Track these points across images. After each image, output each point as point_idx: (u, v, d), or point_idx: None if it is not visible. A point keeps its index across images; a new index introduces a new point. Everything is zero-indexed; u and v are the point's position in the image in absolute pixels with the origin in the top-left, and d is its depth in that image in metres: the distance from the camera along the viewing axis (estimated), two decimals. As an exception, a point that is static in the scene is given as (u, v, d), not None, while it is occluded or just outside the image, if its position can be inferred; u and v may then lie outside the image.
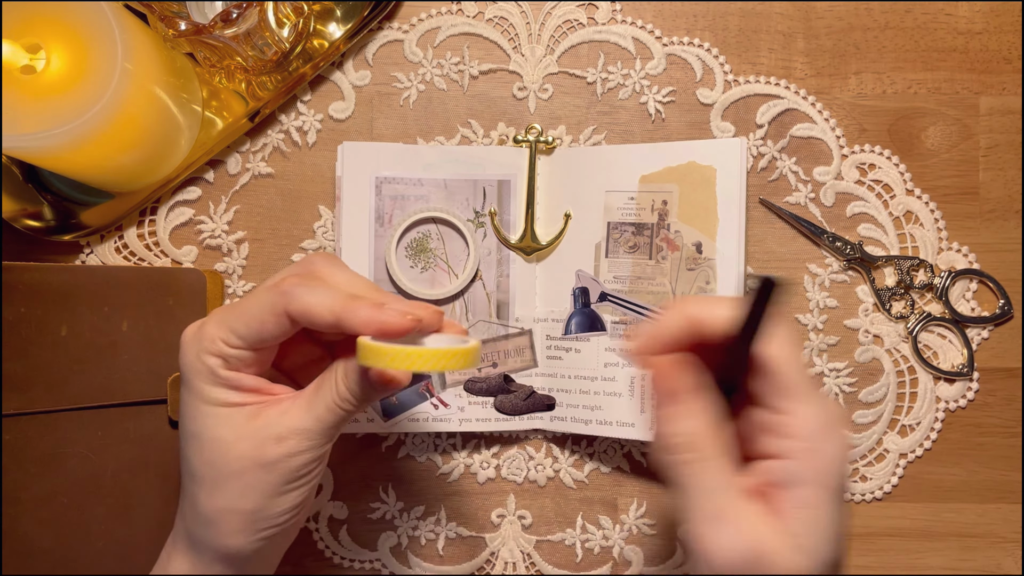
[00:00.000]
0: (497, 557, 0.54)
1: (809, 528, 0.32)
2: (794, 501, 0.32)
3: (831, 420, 0.33)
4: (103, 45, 0.44)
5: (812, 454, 0.32)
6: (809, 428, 0.32)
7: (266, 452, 0.37)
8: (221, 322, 0.37)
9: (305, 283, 0.36)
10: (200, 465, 0.38)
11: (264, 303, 0.36)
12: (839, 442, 0.32)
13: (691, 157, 0.51)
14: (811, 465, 0.32)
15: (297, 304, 0.36)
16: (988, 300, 0.54)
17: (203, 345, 0.37)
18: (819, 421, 0.32)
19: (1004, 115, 0.54)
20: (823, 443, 0.32)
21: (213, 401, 0.37)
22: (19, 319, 0.46)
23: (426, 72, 0.54)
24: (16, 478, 0.46)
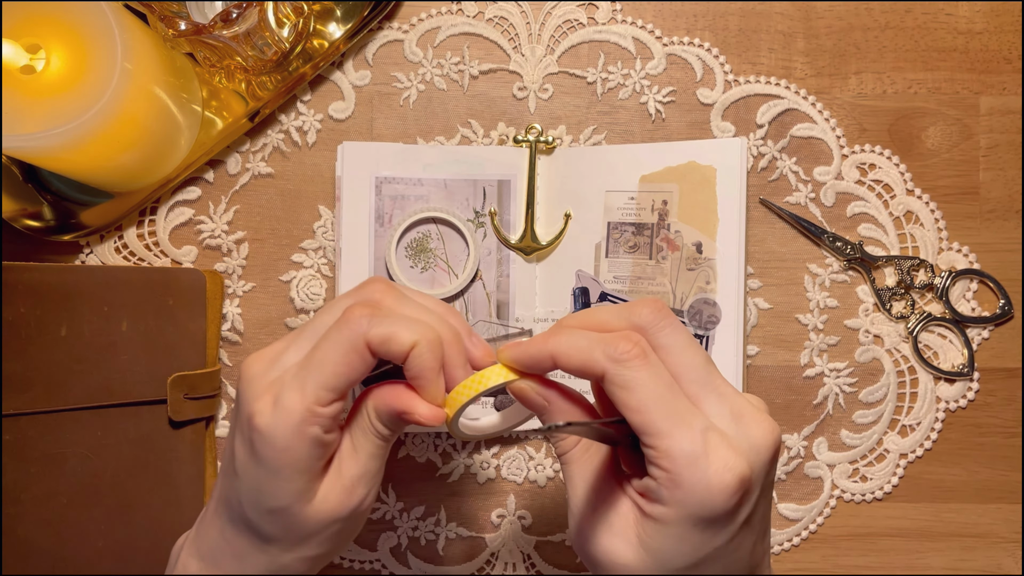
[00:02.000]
0: (497, 557, 0.54)
1: (662, 539, 0.33)
2: (654, 511, 0.33)
3: (700, 451, 0.32)
4: (103, 45, 0.44)
5: (672, 483, 0.32)
6: (668, 459, 0.32)
7: (344, 507, 0.37)
8: (303, 387, 0.35)
9: (377, 314, 0.35)
10: (279, 531, 0.37)
11: (342, 343, 0.35)
12: (705, 475, 0.32)
13: (691, 157, 0.51)
14: (668, 491, 0.32)
15: (377, 333, 0.34)
16: (988, 300, 0.54)
17: (295, 420, 0.34)
18: (679, 454, 0.32)
19: (1004, 115, 0.54)
20: (684, 475, 0.32)
21: (312, 476, 0.36)
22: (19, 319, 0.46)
23: (426, 72, 0.54)
24: (16, 478, 0.46)
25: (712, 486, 0.31)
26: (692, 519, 0.32)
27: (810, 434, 0.54)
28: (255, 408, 0.35)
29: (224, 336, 0.53)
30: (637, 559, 0.33)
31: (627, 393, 0.33)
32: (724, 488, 0.31)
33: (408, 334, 0.35)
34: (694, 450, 0.32)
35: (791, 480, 0.54)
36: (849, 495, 0.54)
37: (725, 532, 0.33)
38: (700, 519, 0.32)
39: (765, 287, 0.54)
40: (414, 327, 0.35)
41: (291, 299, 0.53)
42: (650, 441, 0.32)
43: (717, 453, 0.32)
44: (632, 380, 0.33)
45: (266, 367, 0.37)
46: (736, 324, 0.50)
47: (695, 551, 0.33)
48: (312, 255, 0.54)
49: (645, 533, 0.33)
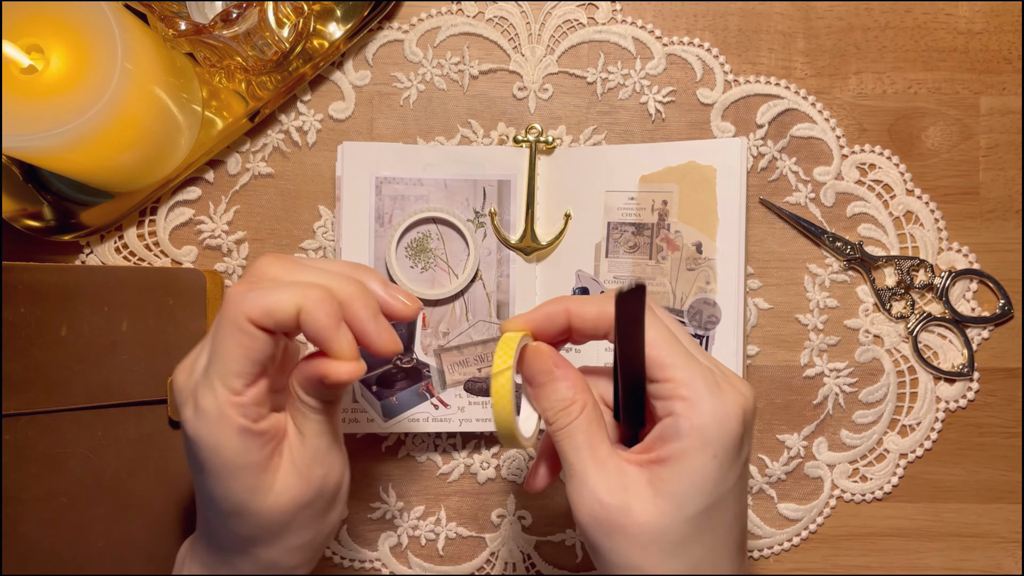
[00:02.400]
0: (497, 557, 0.54)
1: (679, 476, 0.33)
2: (672, 452, 0.34)
3: (713, 381, 0.34)
4: (103, 45, 0.44)
5: (692, 411, 0.34)
6: (689, 387, 0.34)
7: (304, 493, 0.36)
8: (210, 383, 0.34)
9: (254, 287, 0.34)
10: (249, 530, 0.36)
11: (226, 327, 0.34)
12: (724, 400, 0.34)
13: (691, 157, 0.51)
14: (690, 421, 0.34)
15: (253, 307, 0.33)
16: (988, 300, 0.54)
17: (215, 418, 0.34)
18: (699, 380, 0.34)
19: (1004, 115, 0.54)
20: (703, 401, 0.34)
21: (256, 470, 0.35)
22: (19, 319, 0.46)
23: (426, 72, 0.54)
24: (16, 478, 0.46)
25: (729, 411, 0.34)
26: (711, 448, 0.33)
27: (810, 434, 0.54)
28: (183, 417, 0.35)
29: (224, 336, 0.53)
30: (656, 511, 0.34)
31: (650, 327, 0.34)
32: (735, 417, 0.34)
33: (288, 298, 0.34)
34: (710, 378, 0.34)
35: (791, 480, 0.54)
36: (849, 495, 0.54)
37: (735, 468, 0.34)
38: (718, 447, 0.34)
39: (765, 287, 0.54)
40: (295, 290, 0.34)
41: (291, 299, 0.53)
42: (667, 373, 0.34)
43: (725, 386, 0.35)
44: (654, 318, 0.35)
45: (187, 376, 0.36)
46: (736, 324, 0.50)
47: (712, 488, 0.34)
48: (312, 255, 0.54)
49: (661, 480, 0.34)
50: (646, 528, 0.34)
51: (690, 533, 0.34)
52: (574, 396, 0.36)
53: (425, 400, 0.52)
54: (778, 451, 0.54)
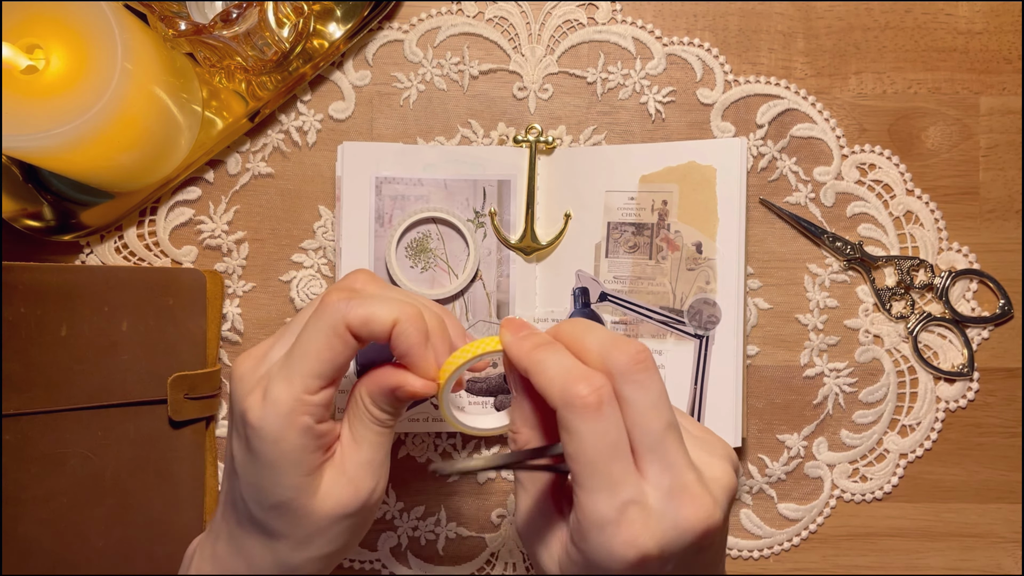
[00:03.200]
0: (497, 557, 0.54)
1: (575, 570, 0.33)
2: (573, 554, 0.33)
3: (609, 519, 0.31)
4: (103, 45, 0.44)
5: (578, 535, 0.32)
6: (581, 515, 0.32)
7: (351, 501, 0.37)
8: (289, 377, 0.35)
9: (355, 297, 0.36)
10: (285, 527, 0.36)
11: (322, 328, 0.35)
12: (609, 543, 0.31)
13: (691, 157, 0.51)
14: (576, 544, 0.33)
15: (355, 314, 0.35)
16: (988, 300, 0.54)
17: (284, 411, 0.35)
18: (592, 516, 0.32)
19: (1004, 115, 0.54)
20: (589, 534, 0.32)
21: (309, 469, 0.36)
22: (19, 319, 0.46)
23: (426, 72, 0.54)
24: (16, 478, 0.46)
25: (614, 554, 0.31)
26: (595, 569, 0.32)
27: (810, 434, 0.54)
28: (246, 404, 0.36)
29: (224, 336, 0.53)
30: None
31: (568, 437, 0.32)
32: (623, 560, 0.31)
33: (387, 311, 0.35)
34: (607, 517, 0.31)
35: (791, 480, 0.54)
36: (849, 495, 0.54)
37: None
38: (601, 572, 0.32)
39: (765, 287, 0.54)
40: (393, 305, 0.35)
41: (291, 299, 0.53)
42: (575, 489, 0.32)
43: (630, 527, 0.31)
44: (576, 428, 0.32)
45: (255, 364, 0.37)
46: (736, 324, 0.50)
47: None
48: (312, 255, 0.54)
49: (566, 561, 0.34)
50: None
51: None
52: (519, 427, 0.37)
53: (425, 400, 0.52)
54: (778, 451, 0.54)
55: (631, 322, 0.51)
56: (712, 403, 0.50)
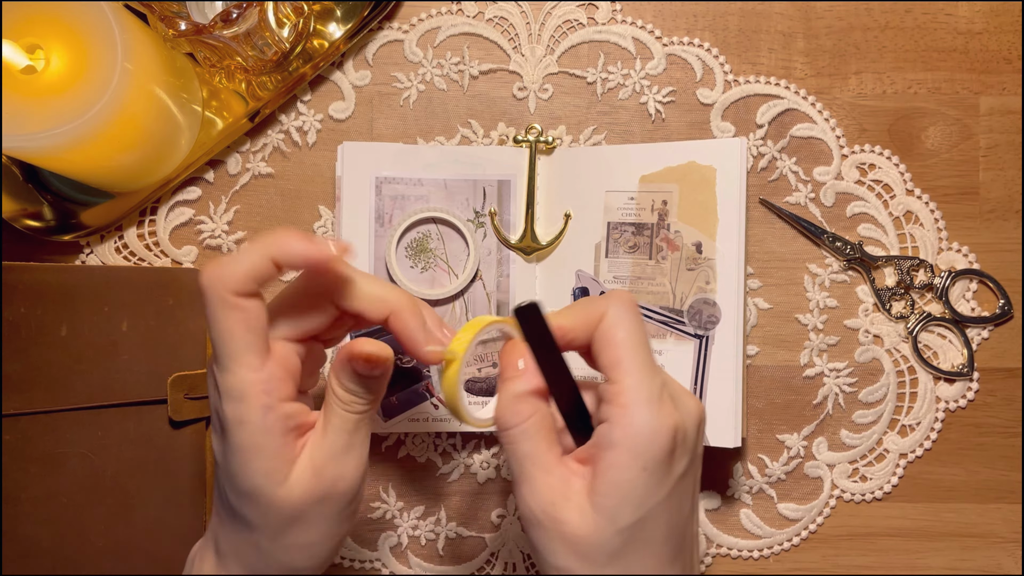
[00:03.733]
0: (497, 557, 0.54)
1: (611, 488, 0.34)
2: (605, 461, 0.35)
3: (655, 395, 0.35)
4: (103, 45, 0.44)
5: (626, 419, 0.34)
6: (629, 395, 0.35)
7: (315, 489, 0.36)
8: (223, 363, 0.35)
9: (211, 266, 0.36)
10: (258, 517, 0.36)
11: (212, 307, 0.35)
12: (659, 414, 0.34)
13: (691, 157, 0.51)
14: (623, 431, 0.34)
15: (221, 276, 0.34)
16: (988, 300, 0.54)
17: (238, 394, 0.35)
18: (641, 391, 0.35)
19: (1004, 115, 0.54)
20: (638, 411, 0.34)
21: (274, 454, 0.36)
22: (19, 319, 0.46)
23: (426, 72, 0.54)
24: (16, 478, 0.46)
25: (658, 428, 0.34)
26: (639, 460, 0.34)
27: (810, 434, 0.54)
28: (212, 399, 0.37)
29: (224, 336, 0.53)
30: (591, 524, 0.34)
31: (617, 327, 0.36)
32: (666, 431, 0.34)
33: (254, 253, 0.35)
34: (653, 394, 0.35)
35: (791, 480, 0.54)
36: (849, 495, 0.54)
37: (666, 482, 0.35)
38: (648, 459, 0.34)
39: (765, 287, 0.54)
40: (256, 245, 0.35)
41: (291, 299, 0.53)
42: (618, 376, 0.35)
43: (665, 403, 0.35)
44: (626, 319, 0.36)
45: (210, 359, 0.38)
46: (736, 324, 0.50)
47: (642, 500, 0.34)
48: (312, 255, 0.53)
49: (596, 494, 0.34)
50: (583, 540, 0.35)
51: (622, 545, 0.35)
52: (526, 400, 0.37)
53: (425, 400, 0.52)
54: (778, 451, 0.54)
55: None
56: (712, 403, 0.50)
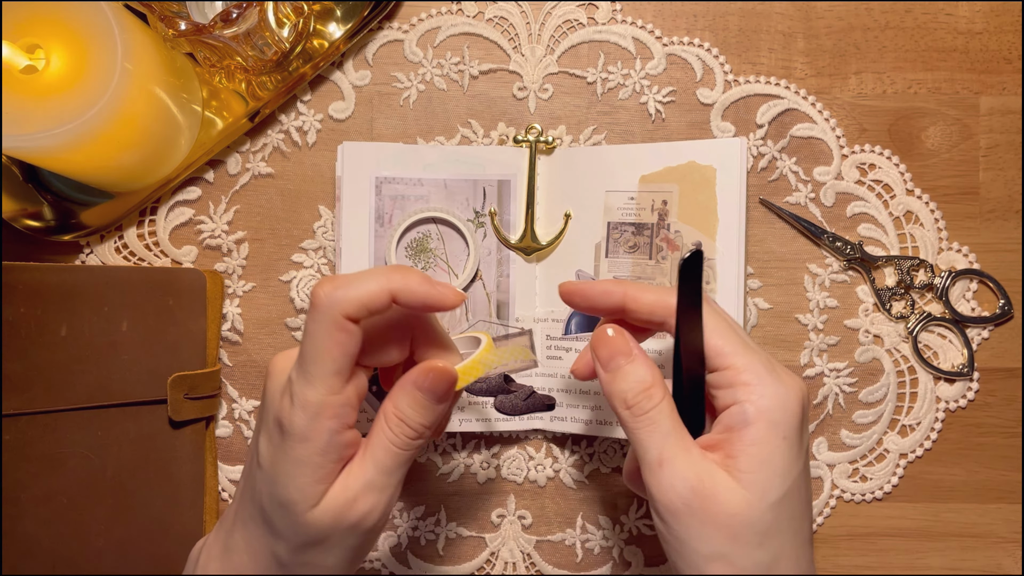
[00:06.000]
0: (497, 557, 0.54)
1: (757, 463, 0.34)
2: (744, 440, 0.35)
3: (774, 366, 0.36)
4: (103, 45, 0.44)
5: (756, 395, 0.35)
6: (750, 372, 0.35)
7: (343, 518, 0.36)
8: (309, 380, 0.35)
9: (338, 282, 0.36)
10: (285, 528, 0.36)
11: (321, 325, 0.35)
12: (784, 384, 0.35)
13: (691, 157, 0.51)
14: (756, 405, 0.35)
15: (348, 300, 0.35)
16: (988, 300, 0.54)
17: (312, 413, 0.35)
18: (760, 366, 0.35)
19: (1004, 115, 0.54)
20: (765, 385, 0.35)
21: (320, 477, 0.36)
22: (19, 319, 0.46)
23: (426, 72, 0.54)
24: (16, 478, 0.46)
25: (788, 397, 0.35)
26: (780, 429, 0.34)
27: (810, 434, 0.54)
28: (280, 404, 0.36)
29: (224, 336, 0.53)
30: (743, 500, 0.34)
31: (715, 318, 0.36)
32: (796, 398, 0.35)
33: (376, 283, 0.35)
34: (768, 364, 0.36)
35: (791, 480, 0.54)
36: (849, 495, 0.54)
37: (803, 451, 0.35)
38: (786, 428, 0.34)
39: (765, 287, 0.54)
40: (378, 275, 0.35)
41: (291, 299, 0.53)
42: (727, 361, 0.36)
43: (783, 373, 0.36)
44: (715, 309, 0.37)
45: (287, 364, 0.37)
46: (736, 324, 0.50)
47: (787, 471, 0.34)
48: (312, 255, 0.54)
49: (740, 471, 0.34)
50: (736, 518, 0.34)
51: (773, 521, 0.34)
52: (654, 379, 0.36)
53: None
54: (778, 451, 0.54)
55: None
56: (712, 403, 0.50)
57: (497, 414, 0.52)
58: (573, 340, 0.52)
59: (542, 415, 0.52)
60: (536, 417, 0.52)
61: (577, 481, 0.54)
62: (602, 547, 0.54)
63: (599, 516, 0.54)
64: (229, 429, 0.53)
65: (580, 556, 0.54)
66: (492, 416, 0.52)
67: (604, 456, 0.54)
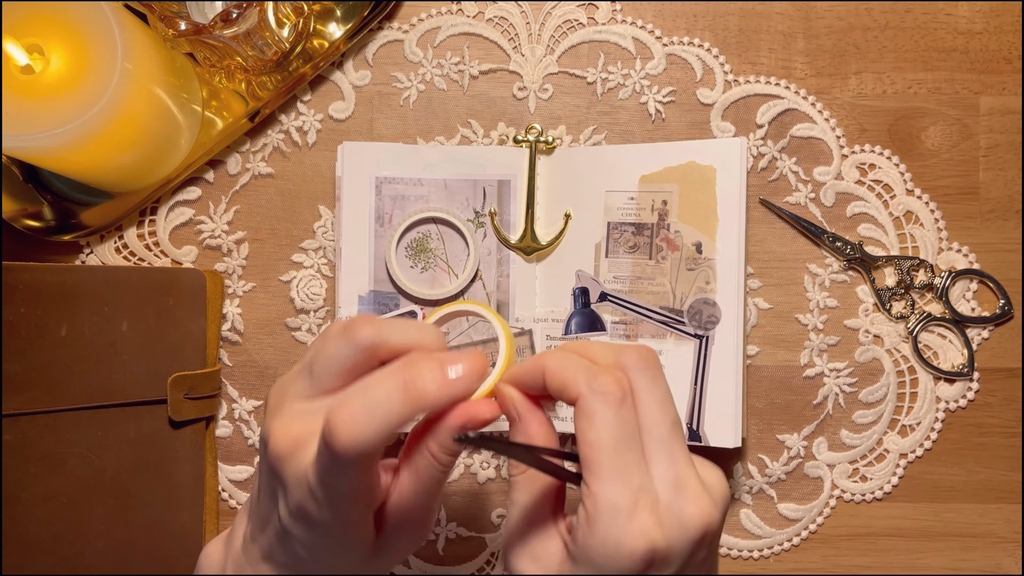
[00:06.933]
0: (497, 557, 0.54)
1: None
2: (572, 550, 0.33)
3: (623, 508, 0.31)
4: (103, 45, 0.44)
5: (588, 528, 0.32)
6: (591, 504, 0.32)
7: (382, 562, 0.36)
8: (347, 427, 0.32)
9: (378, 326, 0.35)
10: (302, 535, 0.35)
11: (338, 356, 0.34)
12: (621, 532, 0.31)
13: (691, 157, 0.51)
14: (583, 539, 0.32)
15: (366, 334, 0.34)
16: (988, 300, 0.54)
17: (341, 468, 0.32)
18: (604, 502, 0.31)
19: (1004, 115, 0.54)
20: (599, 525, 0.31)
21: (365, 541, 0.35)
22: (19, 319, 0.46)
23: (426, 72, 0.54)
24: (16, 478, 0.46)
25: (622, 545, 0.31)
26: (595, 569, 0.32)
27: (810, 434, 0.54)
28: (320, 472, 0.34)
29: (224, 336, 0.53)
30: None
31: (588, 425, 0.32)
32: (632, 552, 0.31)
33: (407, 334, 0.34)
34: (620, 504, 0.31)
35: (791, 480, 0.54)
36: (849, 495, 0.54)
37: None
38: (605, 571, 0.32)
39: (765, 287, 0.54)
40: (409, 327, 0.35)
41: (291, 299, 0.53)
42: (587, 478, 0.32)
43: (640, 517, 0.31)
44: (598, 415, 0.32)
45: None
46: (736, 324, 0.50)
47: None
48: (312, 255, 0.54)
49: (565, 566, 0.33)
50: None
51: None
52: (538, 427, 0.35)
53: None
54: (778, 451, 0.54)
55: (631, 322, 0.51)
56: (712, 403, 0.50)
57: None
58: (573, 340, 0.52)
59: (542, 415, 0.52)
60: (536, 417, 0.52)
61: (577, 481, 0.54)
62: (602, 547, 0.53)
63: (599, 516, 0.54)
64: (229, 429, 0.53)
65: (580, 556, 0.54)
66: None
67: (604, 456, 0.53)
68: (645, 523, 0.31)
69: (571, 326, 0.52)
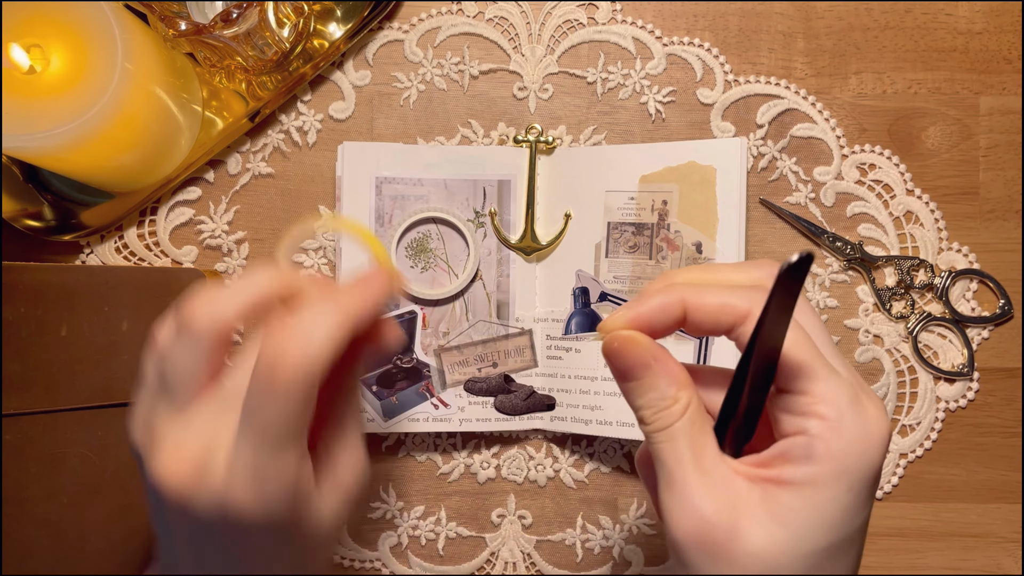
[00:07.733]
0: (497, 557, 0.54)
1: (806, 504, 0.29)
2: (799, 476, 0.29)
3: (859, 399, 0.29)
4: (103, 45, 0.44)
5: (831, 433, 0.29)
6: (830, 405, 0.29)
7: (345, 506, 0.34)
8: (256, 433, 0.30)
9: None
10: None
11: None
12: (867, 425, 0.29)
13: (691, 157, 0.51)
14: (827, 445, 0.29)
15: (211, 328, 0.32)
16: (988, 300, 0.54)
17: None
18: (843, 399, 0.29)
19: (1004, 115, 0.54)
20: (845, 423, 0.29)
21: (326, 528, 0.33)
22: (19, 319, 0.46)
23: (426, 72, 0.54)
24: (16, 478, 0.46)
25: (872, 435, 0.29)
26: (848, 477, 0.29)
27: (810, 434, 0.54)
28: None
29: (224, 336, 0.53)
30: (770, 539, 0.28)
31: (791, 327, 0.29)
32: (880, 440, 0.29)
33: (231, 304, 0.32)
34: (853, 395, 0.29)
35: (791, 480, 0.54)
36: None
37: (868, 504, 0.30)
38: (856, 479, 0.29)
39: (765, 287, 0.54)
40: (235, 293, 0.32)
41: (291, 299, 0.53)
42: (804, 385, 0.29)
43: (868, 406, 0.29)
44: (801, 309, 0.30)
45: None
46: (736, 324, 0.50)
47: (840, 525, 0.29)
48: (312, 255, 0.54)
49: (779, 505, 0.29)
50: (756, 558, 0.28)
51: (804, 571, 0.29)
52: (676, 394, 0.30)
53: (425, 400, 0.52)
54: (778, 451, 0.54)
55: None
56: (712, 403, 0.50)
57: (497, 414, 0.52)
58: (573, 340, 0.52)
59: (542, 415, 0.52)
60: (536, 417, 0.52)
61: (577, 481, 0.54)
62: (602, 547, 0.54)
63: (599, 516, 0.54)
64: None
65: (580, 556, 0.54)
66: (492, 416, 0.52)
67: (604, 456, 0.54)
68: (875, 410, 0.29)
69: (571, 326, 0.52)
